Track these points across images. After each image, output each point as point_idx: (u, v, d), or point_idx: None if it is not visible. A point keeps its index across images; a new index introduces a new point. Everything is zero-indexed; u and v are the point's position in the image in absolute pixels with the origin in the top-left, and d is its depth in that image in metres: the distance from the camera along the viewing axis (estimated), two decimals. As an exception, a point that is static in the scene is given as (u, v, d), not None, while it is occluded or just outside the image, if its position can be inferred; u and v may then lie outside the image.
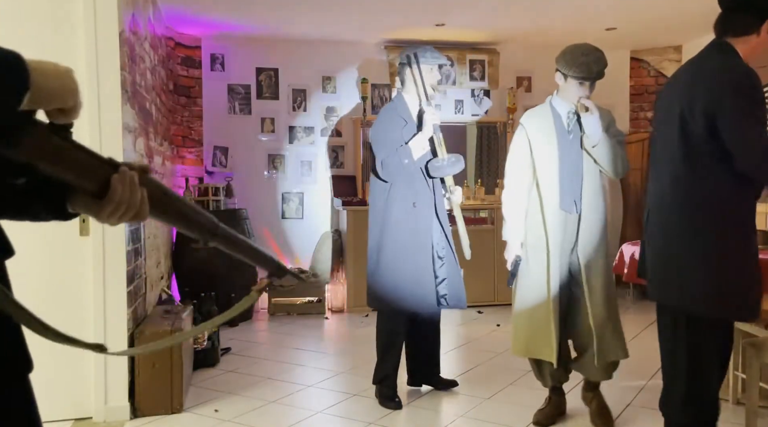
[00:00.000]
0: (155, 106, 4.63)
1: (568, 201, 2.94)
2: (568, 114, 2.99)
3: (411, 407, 3.47)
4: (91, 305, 3.15)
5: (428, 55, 3.35)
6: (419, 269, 3.35)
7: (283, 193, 6.44)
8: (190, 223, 1.02)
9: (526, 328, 3.01)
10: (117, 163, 0.93)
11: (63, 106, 0.85)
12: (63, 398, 3.07)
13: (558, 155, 2.94)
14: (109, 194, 0.90)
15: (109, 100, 3.17)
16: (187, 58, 6.10)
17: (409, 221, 3.34)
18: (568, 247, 2.97)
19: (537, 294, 2.97)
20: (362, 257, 5.92)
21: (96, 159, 0.90)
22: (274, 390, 3.70)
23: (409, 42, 6.44)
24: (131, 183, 0.91)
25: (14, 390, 1.01)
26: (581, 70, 2.88)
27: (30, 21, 3.06)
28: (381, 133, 3.36)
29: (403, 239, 3.34)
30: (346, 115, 6.51)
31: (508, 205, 3.05)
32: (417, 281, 3.35)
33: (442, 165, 3.38)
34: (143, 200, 0.93)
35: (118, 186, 0.90)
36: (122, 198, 0.90)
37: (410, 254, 3.35)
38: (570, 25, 5.75)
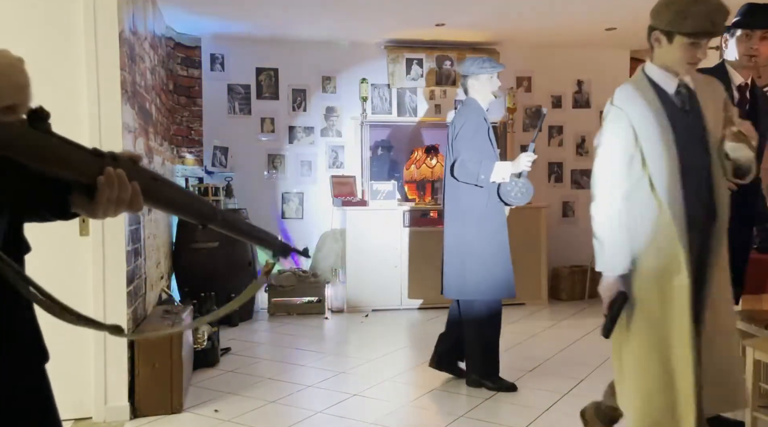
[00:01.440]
0: (155, 106, 4.63)
1: (695, 204, 2.18)
2: (679, 88, 2.25)
3: (411, 407, 3.47)
4: (91, 305, 3.14)
5: (487, 65, 3.60)
6: (503, 260, 3.58)
7: (283, 193, 6.44)
8: (186, 208, 1.02)
9: (656, 401, 2.15)
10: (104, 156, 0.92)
11: (8, 104, 0.83)
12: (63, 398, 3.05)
13: (677, 143, 2.17)
14: (97, 196, 0.90)
15: (108, 100, 3.17)
16: (186, 58, 6.10)
17: (484, 214, 3.55)
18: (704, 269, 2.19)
19: (667, 348, 2.13)
20: (362, 257, 5.95)
21: (82, 151, 0.90)
22: (274, 390, 3.70)
23: (409, 42, 6.46)
24: (120, 181, 0.91)
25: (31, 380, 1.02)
26: (697, 22, 2.09)
27: (30, 21, 3.06)
28: (469, 132, 3.54)
29: (485, 230, 3.55)
30: (346, 115, 6.51)
31: (605, 223, 2.22)
32: (502, 269, 3.57)
33: (509, 191, 3.55)
34: (135, 194, 0.93)
35: (105, 187, 0.90)
36: (111, 197, 0.90)
37: (494, 245, 3.56)
38: (570, 25, 5.75)
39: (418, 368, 4.19)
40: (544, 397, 3.49)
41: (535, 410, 3.20)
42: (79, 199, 0.93)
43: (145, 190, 0.95)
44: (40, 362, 1.04)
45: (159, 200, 0.99)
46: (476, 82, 3.63)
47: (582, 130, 6.88)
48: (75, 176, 0.90)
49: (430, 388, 3.72)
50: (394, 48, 6.50)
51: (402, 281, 5.97)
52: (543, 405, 3.36)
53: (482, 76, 3.60)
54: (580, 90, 6.92)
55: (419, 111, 6.64)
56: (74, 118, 3.13)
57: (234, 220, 1.11)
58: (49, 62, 3.09)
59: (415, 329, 5.31)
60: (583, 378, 3.86)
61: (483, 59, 3.66)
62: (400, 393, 3.72)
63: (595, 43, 6.51)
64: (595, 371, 3.93)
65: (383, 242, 5.93)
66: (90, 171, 0.89)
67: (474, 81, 3.63)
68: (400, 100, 6.63)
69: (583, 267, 6.51)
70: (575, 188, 6.94)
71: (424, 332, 5.10)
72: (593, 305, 6.12)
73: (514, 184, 3.52)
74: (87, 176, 0.89)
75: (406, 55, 6.54)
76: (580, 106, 6.89)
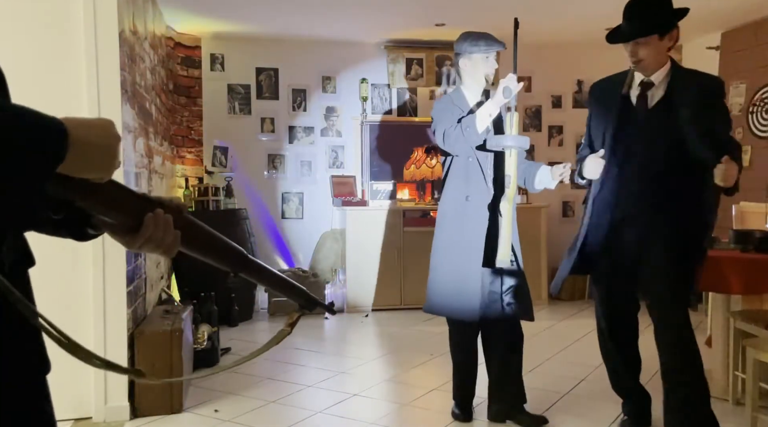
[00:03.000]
0: (155, 106, 4.63)
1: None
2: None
3: (411, 407, 3.47)
4: (91, 305, 3.14)
5: (482, 43, 3.02)
6: (462, 271, 2.98)
7: (283, 193, 6.44)
8: (220, 258, 1.06)
9: None
10: (153, 201, 0.95)
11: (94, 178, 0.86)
12: (63, 399, 3.07)
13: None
14: (140, 231, 0.93)
15: (108, 100, 3.17)
16: (186, 58, 6.10)
17: (458, 216, 3.01)
18: None
19: None
20: (362, 257, 5.96)
21: (132, 196, 0.93)
22: (274, 390, 3.70)
23: (409, 42, 6.45)
24: (165, 225, 0.94)
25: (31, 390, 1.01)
26: None
27: (30, 21, 3.06)
28: (439, 112, 3.05)
29: (449, 235, 3.03)
30: (346, 115, 6.51)
31: None
32: (458, 285, 2.98)
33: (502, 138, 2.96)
34: (175, 241, 0.97)
35: (150, 225, 0.93)
36: (153, 237, 0.94)
37: (455, 254, 3.00)
38: (570, 25, 5.75)
39: (418, 368, 4.19)
40: (544, 397, 3.49)
41: (535, 410, 3.19)
42: (118, 231, 0.96)
43: (185, 238, 0.99)
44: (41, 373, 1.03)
45: (195, 249, 1.03)
46: (468, 62, 3.04)
47: (582, 130, 6.85)
48: (122, 219, 0.93)
49: (430, 388, 3.72)
50: (394, 48, 6.50)
51: (402, 281, 5.97)
52: (543, 405, 3.36)
53: (475, 55, 3.01)
54: (580, 90, 6.92)
55: (419, 111, 6.64)
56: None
57: (265, 269, 1.13)
58: (49, 62, 3.09)
59: (415, 329, 5.31)
60: (583, 378, 3.86)
61: (478, 35, 3.04)
62: (400, 393, 3.72)
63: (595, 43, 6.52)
64: (595, 371, 3.93)
65: (383, 242, 5.93)
66: (138, 214, 0.93)
67: (466, 61, 3.04)
68: (400, 100, 6.63)
69: (583, 267, 6.50)
70: (575, 188, 6.93)
71: (424, 332, 5.10)
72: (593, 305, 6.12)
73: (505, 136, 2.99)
74: (134, 219, 0.93)
75: (406, 55, 6.54)
76: (580, 106, 6.88)
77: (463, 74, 3.09)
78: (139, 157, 3.81)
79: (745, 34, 5.71)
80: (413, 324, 5.46)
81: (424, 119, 6.66)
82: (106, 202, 0.89)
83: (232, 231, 5.48)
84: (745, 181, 2.78)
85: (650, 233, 2.71)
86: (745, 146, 5.68)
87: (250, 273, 1.09)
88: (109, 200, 0.89)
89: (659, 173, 2.68)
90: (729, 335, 3.41)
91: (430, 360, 4.32)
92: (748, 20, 5.61)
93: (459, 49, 3.06)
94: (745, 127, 5.70)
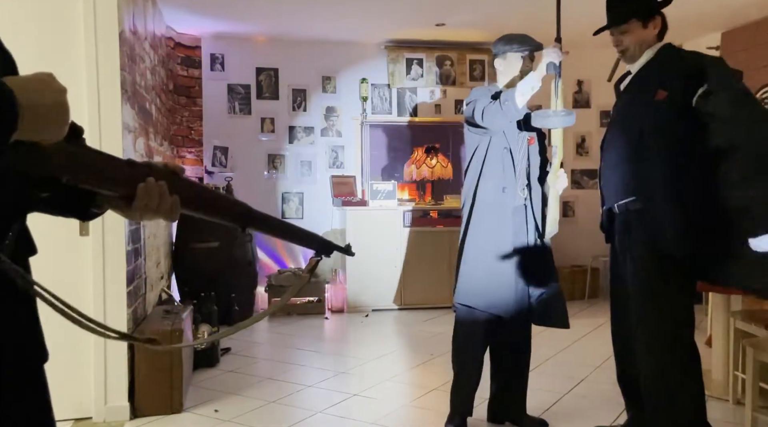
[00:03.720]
0: (155, 106, 4.63)
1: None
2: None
3: (411, 407, 3.47)
4: (91, 304, 3.14)
5: (515, 44, 3.02)
6: (499, 266, 2.91)
7: (283, 193, 6.44)
8: (225, 215, 1.04)
9: None
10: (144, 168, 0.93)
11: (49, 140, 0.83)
12: (63, 399, 3.07)
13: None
14: (135, 202, 0.91)
15: (108, 100, 3.17)
16: (187, 58, 6.10)
17: (497, 207, 2.93)
18: None
19: None
20: (362, 257, 5.94)
21: (121, 165, 0.91)
22: (274, 390, 3.70)
23: (409, 42, 6.45)
24: (160, 192, 0.93)
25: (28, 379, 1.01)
26: None
27: (30, 21, 3.06)
28: (477, 93, 3.02)
29: (488, 227, 2.94)
30: (346, 115, 6.51)
31: None
32: (491, 278, 2.90)
33: (547, 114, 2.89)
34: (174, 206, 0.95)
35: (143, 195, 0.91)
36: (150, 205, 0.92)
37: (493, 247, 2.92)
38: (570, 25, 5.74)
39: (418, 368, 4.19)
40: (544, 397, 3.49)
41: (535, 410, 3.19)
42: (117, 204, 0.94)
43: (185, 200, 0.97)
44: (38, 362, 1.02)
45: (198, 209, 1.01)
46: (503, 63, 3.05)
47: (582, 130, 6.88)
48: (113, 189, 0.91)
49: (430, 388, 3.72)
50: (394, 48, 6.50)
51: (402, 281, 5.97)
52: (543, 405, 3.36)
53: (510, 55, 3.02)
54: (580, 90, 6.92)
55: (419, 111, 6.64)
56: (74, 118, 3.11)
57: (271, 219, 1.10)
58: (50, 62, 3.08)
59: (415, 329, 5.31)
60: (583, 378, 3.86)
61: (513, 36, 3.07)
62: (400, 393, 3.72)
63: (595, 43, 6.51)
64: (595, 371, 3.93)
65: (383, 242, 5.93)
66: (128, 182, 0.90)
67: (501, 60, 3.06)
68: (400, 100, 6.64)
69: (583, 267, 6.51)
70: (575, 188, 6.94)
71: (424, 332, 5.10)
72: (593, 305, 6.13)
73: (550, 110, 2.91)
74: (125, 188, 0.91)
75: (406, 55, 6.54)
76: (580, 106, 6.89)
77: (498, 75, 3.10)
78: (139, 157, 3.81)
79: (746, 34, 5.71)
80: (413, 324, 5.46)
81: (424, 119, 6.67)
82: (94, 174, 0.87)
83: (232, 231, 5.49)
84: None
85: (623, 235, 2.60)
86: (745, 146, 5.69)
87: (257, 226, 1.07)
88: (96, 172, 0.87)
89: (628, 161, 2.52)
90: (729, 335, 3.41)
91: (430, 360, 4.32)
92: (748, 20, 5.61)
93: (495, 49, 3.09)
94: (745, 127, 5.69)
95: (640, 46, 2.62)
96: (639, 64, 2.64)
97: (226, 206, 1.04)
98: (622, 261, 2.66)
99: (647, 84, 2.54)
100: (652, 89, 2.49)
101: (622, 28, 2.62)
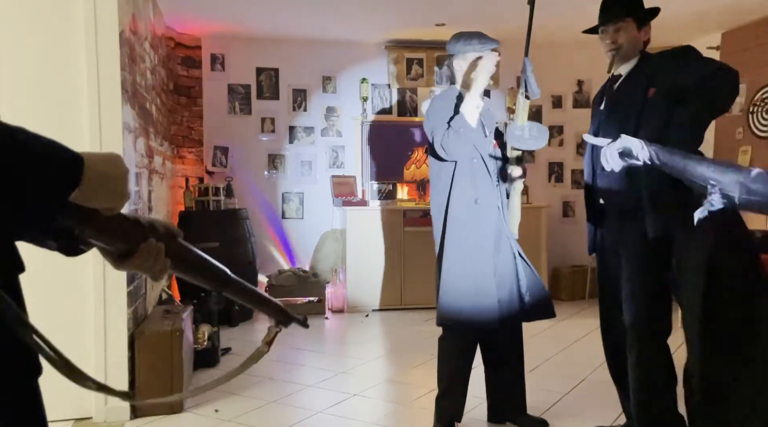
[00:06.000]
0: (155, 106, 4.63)
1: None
2: None
3: (411, 407, 3.47)
4: (92, 305, 3.14)
5: (475, 42, 2.92)
6: (479, 278, 2.86)
7: (284, 193, 6.44)
8: (207, 280, 1.10)
9: None
10: (147, 228, 0.96)
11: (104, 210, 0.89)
12: (63, 398, 3.07)
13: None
14: (132, 259, 0.95)
15: (109, 100, 3.17)
16: (187, 58, 6.10)
17: (470, 219, 2.88)
18: None
19: None
20: (362, 257, 5.95)
21: (127, 223, 0.94)
22: (274, 390, 3.70)
23: (410, 42, 6.45)
24: (157, 254, 0.96)
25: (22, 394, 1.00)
26: None
27: (30, 21, 3.06)
28: (433, 117, 2.95)
29: (462, 240, 2.88)
30: (347, 115, 6.51)
31: None
32: (477, 291, 2.85)
33: (522, 135, 2.85)
34: (164, 269, 0.99)
35: (143, 254, 0.95)
36: (143, 265, 0.96)
37: (471, 260, 2.87)
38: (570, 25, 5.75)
39: (418, 368, 4.19)
40: (544, 397, 3.49)
41: (535, 410, 3.19)
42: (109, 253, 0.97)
43: (176, 262, 1.02)
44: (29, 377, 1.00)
45: (186, 272, 1.07)
46: (462, 63, 2.94)
47: (582, 130, 6.84)
48: (117, 246, 0.95)
49: (430, 388, 3.72)
50: (394, 48, 6.50)
51: (402, 281, 5.97)
52: (543, 405, 3.36)
53: (469, 55, 2.92)
54: (580, 90, 6.92)
55: (419, 111, 6.64)
56: (75, 118, 3.13)
57: (246, 288, 1.17)
58: (50, 62, 3.09)
59: (415, 329, 5.31)
60: (583, 378, 3.86)
61: (471, 34, 2.95)
62: (400, 393, 3.72)
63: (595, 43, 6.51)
64: (596, 371, 3.93)
65: (383, 241, 5.93)
66: (131, 241, 0.94)
67: (461, 61, 2.95)
68: (401, 100, 6.64)
69: (583, 267, 6.51)
70: (576, 188, 6.93)
71: (424, 332, 5.10)
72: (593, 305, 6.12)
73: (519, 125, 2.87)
74: (127, 246, 0.94)
75: (407, 55, 6.54)
76: (580, 106, 6.89)
77: (457, 75, 3.00)
78: (140, 157, 3.81)
79: (746, 34, 5.71)
80: (413, 324, 5.46)
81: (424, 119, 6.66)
82: (103, 229, 0.91)
83: (232, 231, 5.49)
84: (746, 181, 2.74)
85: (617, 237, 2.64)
86: (745, 146, 5.69)
87: (231, 292, 1.14)
88: (105, 227, 0.91)
89: None
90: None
91: (430, 360, 4.31)
92: (748, 20, 5.61)
93: (452, 49, 2.98)
94: (745, 127, 5.70)
95: (633, 46, 2.65)
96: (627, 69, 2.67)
97: (210, 272, 1.10)
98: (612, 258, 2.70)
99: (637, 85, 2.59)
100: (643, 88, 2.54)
101: (618, 24, 2.64)
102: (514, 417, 3.10)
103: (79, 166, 0.82)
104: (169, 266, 1.00)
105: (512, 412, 3.10)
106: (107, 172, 0.86)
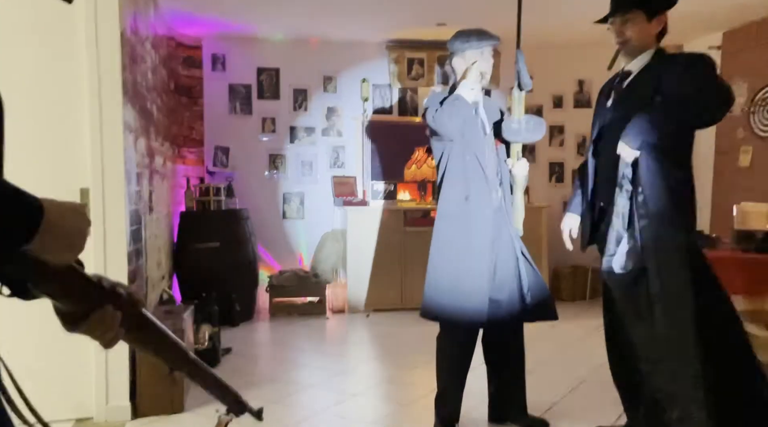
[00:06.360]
0: (156, 106, 4.63)
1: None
2: None
3: (411, 407, 3.48)
4: (92, 305, 3.14)
5: (473, 39, 2.89)
6: (465, 274, 2.84)
7: (284, 193, 6.44)
8: (161, 355, 1.07)
9: None
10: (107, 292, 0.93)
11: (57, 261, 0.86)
12: (64, 398, 3.07)
13: None
14: (82, 325, 0.91)
15: (109, 100, 3.17)
16: (188, 58, 6.10)
17: (459, 217, 2.85)
18: None
19: None
20: (363, 257, 5.95)
21: (88, 286, 0.91)
22: (274, 390, 3.70)
23: (411, 42, 6.45)
24: (110, 323, 0.92)
25: None
26: None
27: (30, 21, 3.06)
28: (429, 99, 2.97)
29: (450, 237, 2.88)
30: (347, 115, 6.51)
31: None
32: (461, 288, 2.84)
33: (519, 128, 2.84)
34: (115, 339, 0.95)
35: (94, 322, 0.91)
36: (94, 332, 0.92)
37: (457, 256, 2.86)
38: (570, 25, 5.75)
39: (419, 368, 4.19)
40: (545, 397, 3.49)
41: (536, 409, 3.19)
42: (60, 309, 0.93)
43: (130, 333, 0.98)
44: None
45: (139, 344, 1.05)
46: (462, 60, 2.92)
47: (583, 130, 6.88)
48: (73, 309, 0.90)
49: (430, 388, 3.71)
50: (395, 48, 6.50)
51: (403, 282, 5.97)
52: (543, 405, 3.36)
53: (468, 52, 2.89)
54: (581, 90, 6.92)
55: (420, 111, 6.64)
56: (75, 118, 3.13)
57: (206, 371, 1.15)
58: (51, 62, 3.09)
59: (415, 329, 5.30)
60: (583, 378, 3.86)
61: (470, 32, 2.91)
62: (400, 393, 3.72)
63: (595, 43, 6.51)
64: (596, 371, 3.93)
65: (384, 242, 5.93)
66: (88, 304, 0.90)
67: (460, 59, 2.93)
68: (402, 100, 6.64)
69: (583, 267, 6.51)
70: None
71: (424, 332, 5.09)
72: (594, 305, 6.12)
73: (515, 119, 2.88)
74: (83, 308, 0.90)
75: (408, 55, 6.54)
76: (581, 105, 6.89)
77: (458, 73, 2.99)
78: (140, 157, 3.81)
79: (747, 34, 5.71)
80: (413, 324, 5.45)
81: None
82: (61, 288, 0.87)
83: (232, 231, 5.49)
84: (747, 181, 2.76)
85: None
86: (746, 146, 5.68)
87: (188, 372, 1.12)
88: (63, 287, 0.87)
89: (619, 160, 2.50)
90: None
91: (430, 361, 4.28)
92: (749, 20, 5.60)
93: (452, 47, 2.97)
94: (746, 127, 5.69)
95: (641, 40, 2.58)
96: (637, 66, 2.62)
97: (168, 348, 1.07)
98: None
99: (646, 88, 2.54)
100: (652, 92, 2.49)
101: (626, 17, 2.57)
102: (515, 417, 3.10)
103: (35, 221, 0.79)
104: (121, 335, 0.95)
105: (513, 412, 3.10)
106: (68, 226, 0.83)
